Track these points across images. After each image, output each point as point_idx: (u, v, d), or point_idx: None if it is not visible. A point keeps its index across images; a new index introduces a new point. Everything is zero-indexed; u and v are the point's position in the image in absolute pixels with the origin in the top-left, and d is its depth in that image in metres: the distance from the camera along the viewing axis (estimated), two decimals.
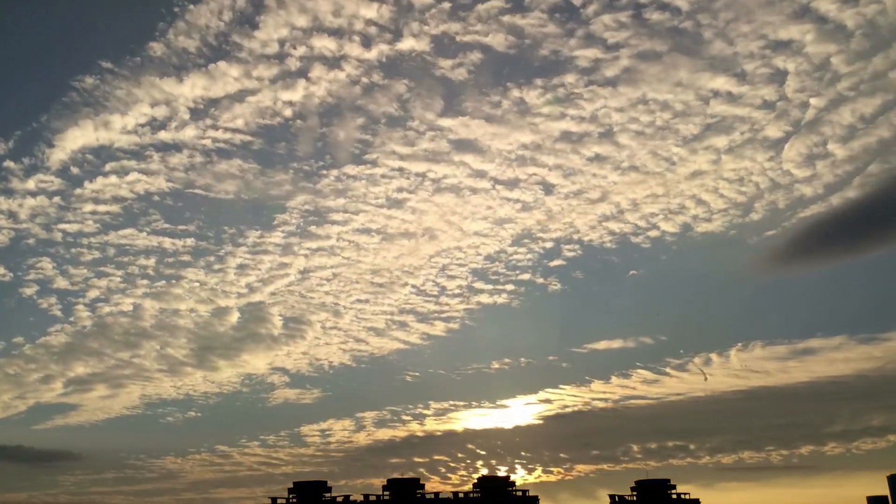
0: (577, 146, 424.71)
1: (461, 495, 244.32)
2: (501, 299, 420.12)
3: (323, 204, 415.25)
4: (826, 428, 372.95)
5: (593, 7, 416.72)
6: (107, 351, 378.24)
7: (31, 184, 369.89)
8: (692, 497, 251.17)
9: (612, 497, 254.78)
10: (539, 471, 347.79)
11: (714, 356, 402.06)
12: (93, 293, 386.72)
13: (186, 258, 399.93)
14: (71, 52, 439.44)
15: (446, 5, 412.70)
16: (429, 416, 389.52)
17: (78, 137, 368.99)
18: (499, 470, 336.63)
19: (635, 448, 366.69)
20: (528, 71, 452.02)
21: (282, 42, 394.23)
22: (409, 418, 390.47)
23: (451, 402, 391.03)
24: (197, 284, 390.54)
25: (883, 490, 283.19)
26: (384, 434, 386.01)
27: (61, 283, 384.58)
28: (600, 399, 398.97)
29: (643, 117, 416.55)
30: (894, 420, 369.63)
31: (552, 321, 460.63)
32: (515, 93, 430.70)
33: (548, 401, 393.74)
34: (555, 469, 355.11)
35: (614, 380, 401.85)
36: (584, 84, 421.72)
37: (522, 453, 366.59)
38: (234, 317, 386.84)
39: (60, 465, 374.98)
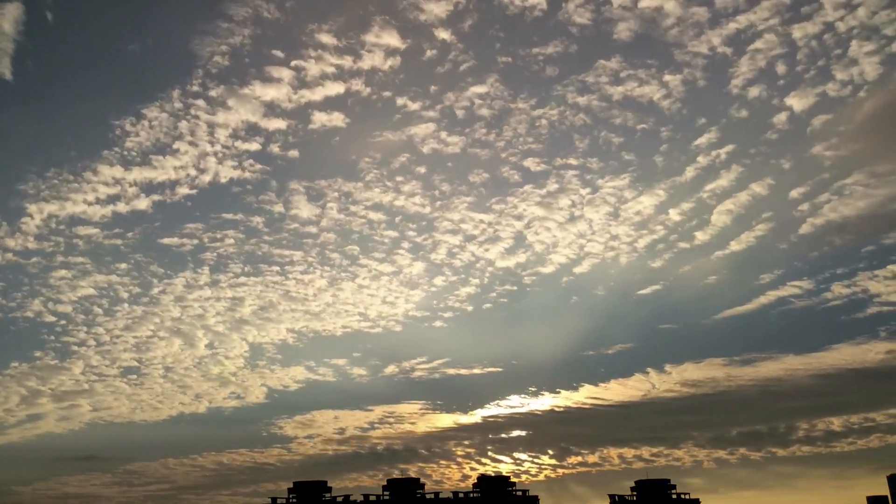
0: (474, 206, 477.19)
1: (461, 495, 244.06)
2: (439, 323, 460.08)
3: (267, 250, 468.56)
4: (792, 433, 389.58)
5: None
6: (90, 371, 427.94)
7: (11, 243, 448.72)
8: (692, 497, 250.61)
9: (612, 497, 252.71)
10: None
11: (652, 370, 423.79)
12: (74, 325, 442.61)
13: (155, 293, 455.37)
14: (37, 151, 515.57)
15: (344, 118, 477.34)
16: (405, 421, 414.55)
17: (45, 210, 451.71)
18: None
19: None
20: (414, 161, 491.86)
21: (211, 142, 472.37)
22: (391, 422, 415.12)
23: (423, 405, 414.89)
24: (161, 319, 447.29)
25: (883, 490, 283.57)
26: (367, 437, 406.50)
27: (48, 318, 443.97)
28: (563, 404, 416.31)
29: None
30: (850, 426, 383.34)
31: (506, 340, 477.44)
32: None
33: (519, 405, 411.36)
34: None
35: (562, 392, 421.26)
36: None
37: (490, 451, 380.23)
38: (202, 343, 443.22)
39: (55, 466, 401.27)
